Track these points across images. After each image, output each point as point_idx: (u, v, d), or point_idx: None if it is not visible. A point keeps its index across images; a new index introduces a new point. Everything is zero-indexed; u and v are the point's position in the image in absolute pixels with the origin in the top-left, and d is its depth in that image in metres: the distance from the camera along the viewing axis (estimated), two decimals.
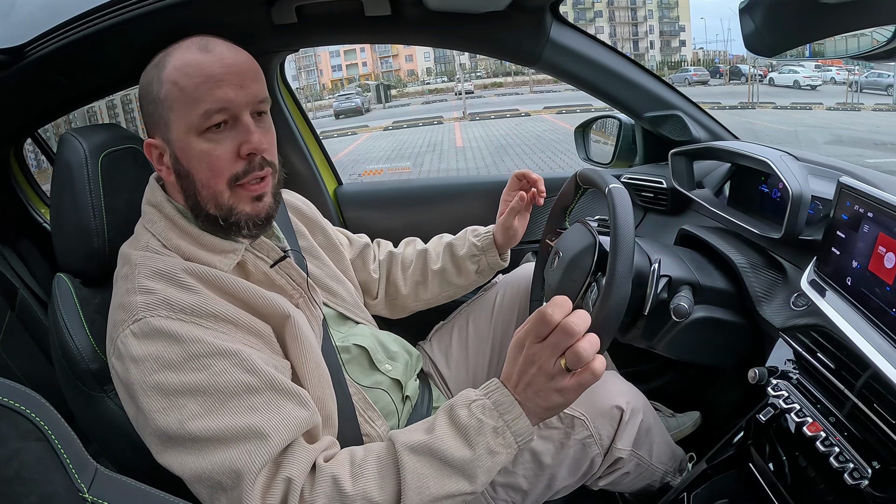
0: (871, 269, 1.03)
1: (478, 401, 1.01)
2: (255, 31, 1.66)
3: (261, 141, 1.08)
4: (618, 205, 1.23)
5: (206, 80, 1.04)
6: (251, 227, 1.13)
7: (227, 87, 1.05)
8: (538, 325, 0.95)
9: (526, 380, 0.98)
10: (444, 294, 1.72)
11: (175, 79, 1.05)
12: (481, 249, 1.65)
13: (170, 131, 1.08)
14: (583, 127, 2.40)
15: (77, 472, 0.68)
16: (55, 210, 1.26)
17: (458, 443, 0.99)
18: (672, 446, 1.52)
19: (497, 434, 0.99)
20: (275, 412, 1.00)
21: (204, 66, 1.05)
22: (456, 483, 0.99)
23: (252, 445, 0.95)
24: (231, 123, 1.08)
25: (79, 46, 1.46)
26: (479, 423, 0.99)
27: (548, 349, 0.94)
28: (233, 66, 1.06)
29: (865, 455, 0.95)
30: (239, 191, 1.11)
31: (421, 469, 0.97)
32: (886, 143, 14.70)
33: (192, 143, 1.07)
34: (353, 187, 2.30)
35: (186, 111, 1.05)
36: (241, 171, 1.09)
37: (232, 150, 1.08)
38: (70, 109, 1.77)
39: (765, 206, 1.60)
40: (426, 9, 1.62)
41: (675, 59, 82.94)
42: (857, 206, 1.08)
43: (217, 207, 1.11)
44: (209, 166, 1.08)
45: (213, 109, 1.05)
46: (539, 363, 0.96)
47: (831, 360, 1.09)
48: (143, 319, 1.00)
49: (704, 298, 1.37)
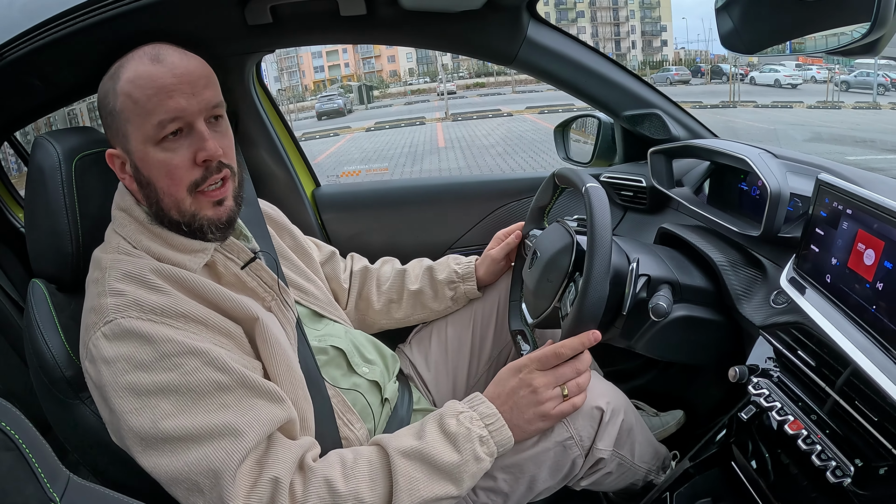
0: (850, 266, 1.03)
1: (465, 412, 1.14)
2: (229, 32, 1.65)
3: (215, 147, 1.09)
4: (595, 204, 1.22)
5: (158, 92, 1.05)
6: (214, 231, 1.15)
7: (179, 97, 1.06)
8: (549, 357, 1.16)
9: (514, 400, 1.16)
10: (416, 316, 1.73)
11: (128, 91, 1.07)
12: (461, 277, 1.68)
13: (128, 142, 1.10)
14: (562, 126, 2.40)
15: (49, 482, 0.67)
16: (29, 214, 1.25)
17: (448, 448, 1.09)
18: (654, 444, 1.51)
19: (483, 443, 1.11)
20: (247, 409, 1.02)
21: (155, 78, 1.06)
22: (444, 486, 1.07)
23: (226, 443, 0.97)
24: (186, 131, 1.09)
25: (54, 48, 1.44)
26: (467, 432, 1.10)
27: (551, 377, 1.16)
28: (184, 76, 1.07)
29: (847, 453, 0.94)
30: (200, 197, 1.12)
31: (412, 472, 1.05)
32: (866, 140, 14.86)
33: (150, 153, 1.09)
34: (330, 189, 2.29)
35: (141, 123, 1.07)
36: (200, 178, 1.11)
37: (189, 157, 1.09)
38: (46, 112, 1.74)
39: (744, 203, 1.60)
40: (401, 8, 1.61)
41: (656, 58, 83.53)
42: (835, 202, 1.08)
43: (179, 214, 1.12)
44: (168, 175, 1.09)
45: (166, 120, 1.06)
46: (535, 387, 1.15)
47: (812, 358, 1.09)
48: (113, 321, 1.01)
49: (684, 297, 1.36)
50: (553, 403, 1.16)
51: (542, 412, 1.15)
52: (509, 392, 1.16)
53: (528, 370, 1.16)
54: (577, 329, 1.21)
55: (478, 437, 1.11)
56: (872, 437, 0.92)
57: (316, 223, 2.17)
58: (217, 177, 1.12)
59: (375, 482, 1.04)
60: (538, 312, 1.43)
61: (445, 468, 1.07)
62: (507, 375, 1.19)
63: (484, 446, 1.11)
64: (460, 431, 1.10)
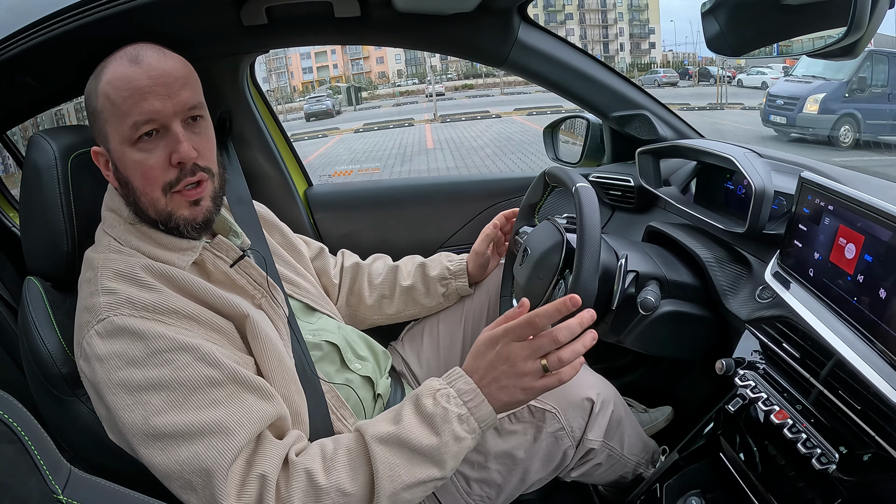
0: (832, 260, 1.06)
1: (441, 390, 1.07)
2: (225, 32, 1.65)
3: (189, 150, 1.10)
4: (584, 203, 1.25)
5: (133, 94, 1.06)
6: (190, 231, 1.16)
7: (154, 99, 1.07)
8: (523, 327, 1.04)
9: (493, 374, 1.06)
10: (407, 312, 1.74)
11: (107, 92, 1.08)
12: (452, 273, 1.69)
13: (108, 142, 1.12)
14: (551, 127, 2.42)
15: (51, 474, 0.67)
16: (24, 213, 1.25)
17: (426, 431, 1.03)
18: (644, 438, 1.53)
19: (462, 421, 1.04)
20: (238, 405, 1.02)
21: (131, 79, 1.07)
22: (426, 470, 1.03)
23: (217, 441, 0.97)
24: (162, 133, 1.10)
25: (47, 48, 1.44)
26: (444, 412, 1.04)
27: (527, 349, 1.03)
28: (159, 77, 1.08)
29: (832, 441, 0.97)
30: (175, 196, 1.13)
31: (391, 458, 1.02)
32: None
33: (126, 153, 1.10)
34: (323, 188, 2.30)
35: (118, 123, 1.08)
36: (174, 179, 1.12)
37: (163, 158, 1.10)
38: (38, 112, 1.74)
39: (730, 202, 1.63)
40: (395, 10, 1.62)
41: (644, 60, 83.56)
42: (818, 199, 1.11)
43: (156, 213, 1.13)
44: (143, 175, 1.10)
45: (140, 121, 1.07)
46: (513, 360, 1.04)
47: (796, 350, 1.11)
48: (106, 319, 1.02)
49: (671, 293, 1.39)
50: (533, 378, 1.04)
51: (522, 386, 1.05)
52: (487, 366, 1.06)
53: (504, 342, 1.06)
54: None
55: (456, 416, 1.04)
56: (856, 425, 0.94)
57: (308, 222, 2.18)
58: (192, 179, 1.13)
59: (356, 471, 1.02)
60: (528, 309, 1.45)
61: (425, 451, 1.03)
62: (485, 347, 1.08)
63: (463, 424, 1.04)
64: (437, 412, 1.04)
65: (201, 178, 1.14)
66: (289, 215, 2.09)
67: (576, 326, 1.03)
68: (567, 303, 1.02)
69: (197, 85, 1.16)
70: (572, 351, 1.03)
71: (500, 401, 1.06)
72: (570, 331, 1.02)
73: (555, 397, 1.33)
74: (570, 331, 1.02)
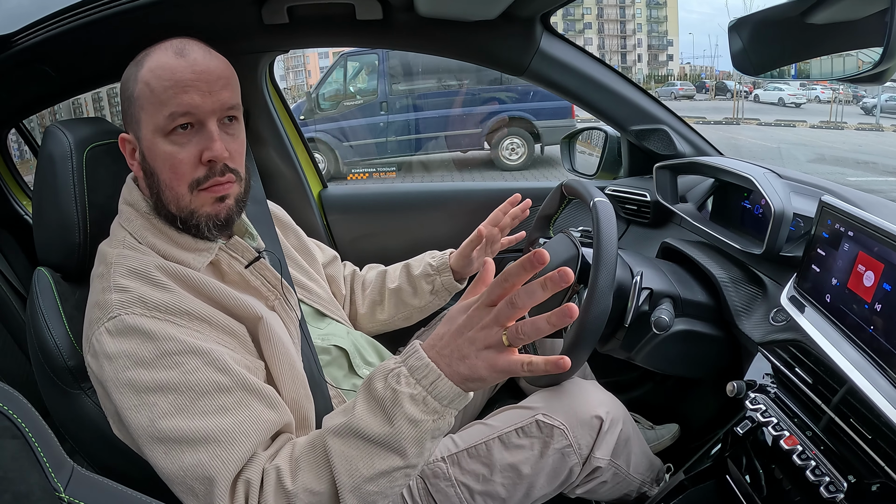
0: (850, 286, 1.04)
1: (394, 370, 0.95)
2: (245, 29, 1.66)
3: (222, 150, 1.10)
4: (602, 218, 1.24)
5: (174, 85, 1.06)
6: (210, 229, 1.14)
7: (194, 93, 1.07)
8: (493, 287, 0.88)
9: (457, 342, 0.91)
10: (400, 315, 1.72)
11: (147, 80, 1.08)
12: (436, 269, 1.67)
13: (140, 129, 1.11)
14: (568, 138, 2.41)
15: (54, 471, 0.67)
16: (37, 203, 1.26)
17: (377, 418, 0.95)
18: (650, 456, 1.52)
19: (415, 402, 0.93)
20: (245, 414, 1.01)
21: (175, 71, 1.07)
22: (385, 460, 0.95)
23: (222, 450, 0.96)
24: (196, 128, 1.10)
25: (67, 38, 1.45)
26: (393, 394, 0.93)
27: (490, 315, 0.88)
28: (203, 73, 1.08)
29: (841, 469, 0.96)
30: (201, 194, 1.12)
31: (347, 451, 0.95)
32: (868, 163, 14.84)
33: (158, 143, 1.09)
34: (337, 191, 2.30)
35: (154, 112, 1.08)
36: (203, 177, 1.11)
37: (195, 154, 1.10)
38: (56, 101, 1.75)
39: (746, 221, 1.61)
40: (417, 15, 1.62)
41: (662, 72, 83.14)
42: (837, 224, 1.10)
43: (178, 209, 1.12)
44: (171, 168, 1.10)
45: (178, 112, 1.07)
46: (476, 328, 0.89)
47: (809, 375, 1.10)
48: (117, 317, 1.01)
49: (685, 311, 1.38)
50: (496, 351, 0.88)
51: (486, 361, 0.88)
52: (454, 333, 0.91)
53: (477, 305, 0.90)
54: (579, 341, 1.22)
55: (408, 397, 0.92)
56: (866, 454, 0.93)
57: (321, 224, 2.18)
58: (220, 180, 1.12)
59: (321, 468, 0.96)
60: None
61: (379, 440, 0.93)
62: (456, 312, 0.94)
63: (418, 405, 0.92)
64: (386, 395, 0.93)
65: (229, 180, 1.13)
66: (302, 216, 2.09)
67: (536, 289, 0.82)
68: (531, 258, 0.83)
69: (237, 87, 1.15)
70: (534, 326, 0.84)
71: (461, 374, 0.91)
72: (530, 293, 0.83)
73: (563, 413, 1.33)
74: (529, 293, 0.83)
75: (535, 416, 1.33)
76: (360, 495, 0.96)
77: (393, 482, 0.98)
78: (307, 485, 0.95)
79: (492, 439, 1.34)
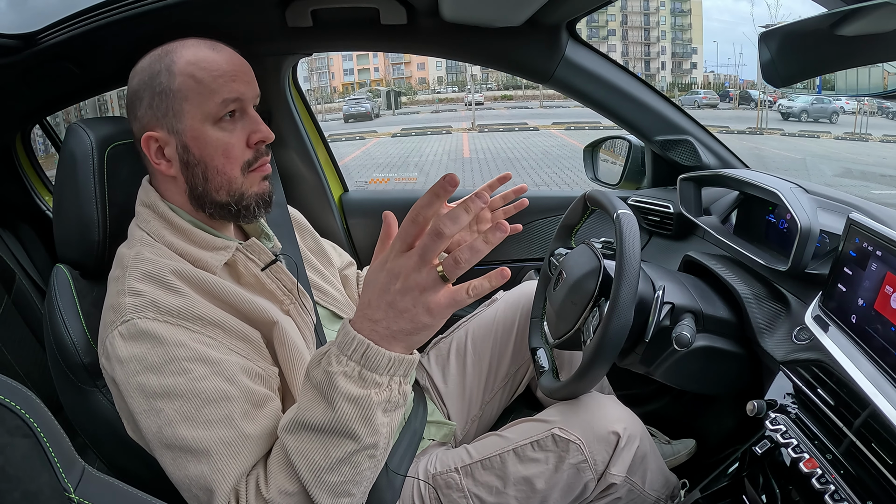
0: (876, 307, 1.02)
1: (326, 352, 0.93)
2: (269, 32, 1.67)
3: (269, 130, 1.18)
4: (625, 232, 1.23)
5: (222, 74, 1.12)
6: (260, 206, 1.20)
7: (240, 83, 1.14)
8: (405, 229, 0.84)
9: (386, 299, 0.86)
10: None
11: (191, 72, 1.11)
12: None
13: (181, 121, 1.12)
14: (592, 146, 2.40)
15: (64, 471, 0.67)
16: (58, 200, 1.26)
17: (320, 406, 0.93)
18: (666, 473, 1.50)
19: (349, 378, 0.90)
20: (249, 425, 1.01)
21: (219, 62, 1.13)
22: (338, 447, 0.93)
23: (223, 463, 0.97)
24: (239, 115, 1.16)
25: (91, 37, 1.46)
26: (327, 377, 0.91)
27: (414, 257, 0.83)
28: (240, 66, 1.15)
29: (860, 494, 0.94)
30: (252, 175, 1.18)
31: (301, 446, 0.95)
32: (893, 176, 14.72)
33: (208, 131, 1.13)
34: (358, 195, 2.30)
35: (203, 100, 1.11)
36: (252, 158, 1.17)
37: (243, 139, 1.16)
38: (79, 99, 1.77)
39: (771, 236, 1.59)
40: (442, 20, 1.62)
41: (685, 80, 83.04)
42: (865, 243, 1.07)
43: (229, 193, 1.16)
44: (224, 153, 1.14)
45: (229, 99, 1.12)
46: (403, 276, 0.84)
47: (831, 397, 1.08)
48: (130, 321, 1.02)
49: (706, 327, 1.36)
50: (433, 291, 0.84)
51: (425, 304, 0.84)
52: (379, 292, 0.87)
53: (392, 257, 0.85)
54: (599, 355, 1.21)
55: (342, 376, 0.89)
56: (886, 480, 0.91)
57: (342, 228, 2.18)
58: (266, 159, 1.20)
59: (288, 468, 0.96)
60: (560, 334, 1.43)
61: (326, 427, 0.92)
62: (374, 273, 0.88)
63: (354, 382, 0.89)
64: (322, 380, 0.91)
65: (268, 160, 1.22)
66: (323, 219, 2.10)
67: (459, 212, 0.80)
68: (442, 182, 0.82)
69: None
70: (471, 249, 0.81)
71: (403, 330, 0.87)
72: (454, 218, 0.80)
73: (580, 428, 1.32)
74: (453, 219, 0.80)
75: (551, 429, 1.32)
76: (328, 489, 0.95)
77: (357, 468, 0.96)
78: (281, 487, 0.96)
79: (506, 452, 1.34)
